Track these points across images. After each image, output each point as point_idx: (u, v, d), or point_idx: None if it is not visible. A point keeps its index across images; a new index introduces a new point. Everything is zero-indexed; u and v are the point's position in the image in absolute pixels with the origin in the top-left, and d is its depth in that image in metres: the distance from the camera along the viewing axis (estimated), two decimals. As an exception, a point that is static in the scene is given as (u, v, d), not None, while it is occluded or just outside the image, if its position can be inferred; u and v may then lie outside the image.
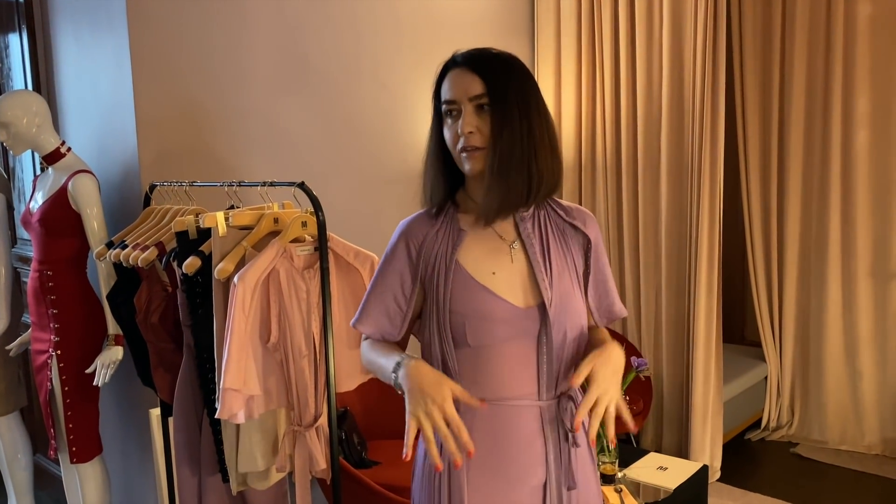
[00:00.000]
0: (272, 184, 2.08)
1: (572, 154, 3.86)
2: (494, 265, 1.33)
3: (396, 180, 3.30)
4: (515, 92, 1.27)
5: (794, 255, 3.90)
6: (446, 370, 1.32)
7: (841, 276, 3.77)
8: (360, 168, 3.20)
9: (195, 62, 2.68)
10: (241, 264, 2.01)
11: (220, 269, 1.98)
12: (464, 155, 1.29)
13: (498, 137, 1.25)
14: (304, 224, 2.05)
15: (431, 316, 1.33)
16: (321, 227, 2.01)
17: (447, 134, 1.31)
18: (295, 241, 2.05)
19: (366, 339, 1.41)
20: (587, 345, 1.37)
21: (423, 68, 3.31)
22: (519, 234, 1.36)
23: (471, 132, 1.26)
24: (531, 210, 1.38)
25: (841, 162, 3.71)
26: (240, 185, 2.18)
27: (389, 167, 3.29)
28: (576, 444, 1.35)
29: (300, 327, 2.02)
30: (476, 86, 1.27)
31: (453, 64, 1.31)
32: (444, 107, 1.30)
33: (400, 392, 1.25)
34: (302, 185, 2.03)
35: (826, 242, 3.77)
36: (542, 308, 1.31)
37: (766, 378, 4.02)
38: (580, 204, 3.88)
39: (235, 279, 1.93)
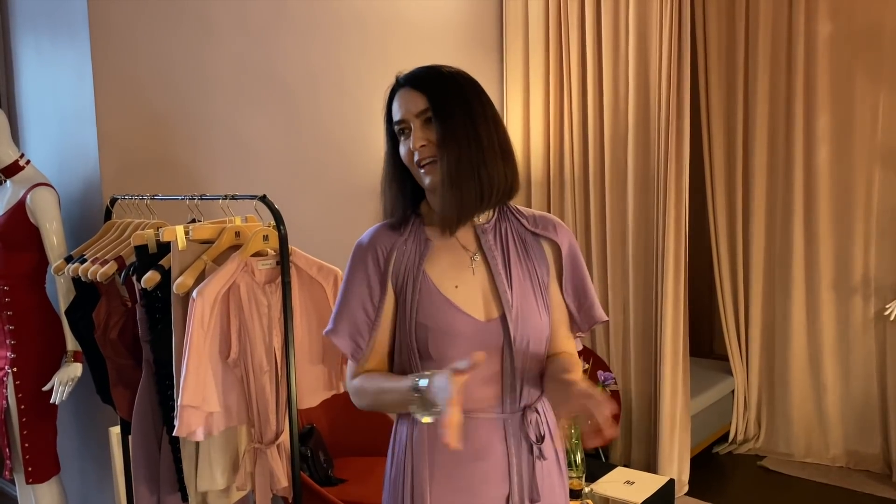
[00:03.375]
0: (233, 197, 2.06)
1: (541, 168, 3.87)
2: (457, 278, 1.34)
3: (363, 193, 3.28)
4: (459, 102, 1.30)
5: (759, 269, 3.94)
6: None
7: (805, 289, 3.81)
8: (327, 181, 3.18)
9: (158, 73, 2.65)
10: (201, 279, 1.97)
11: (179, 284, 1.94)
12: (421, 170, 1.32)
13: (444, 146, 1.28)
14: (265, 238, 2.03)
15: (401, 326, 1.34)
16: (283, 240, 1.99)
17: (403, 152, 1.35)
18: (257, 255, 2.03)
19: (354, 378, 1.37)
20: (560, 370, 1.32)
21: (390, 80, 3.27)
22: (480, 246, 1.36)
23: (423, 145, 1.30)
24: (493, 221, 1.39)
25: (803, 178, 3.76)
26: (201, 199, 2.15)
27: (356, 180, 3.27)
28: (542, 456, 1.36)
29: (261, 342, 1.99)
30: (420, 101, 1.30)
31: (398, 85, 1.36)
32: (395, 127, 1.35)
33: (421, 417, 1.19)
34: (263, 199, 2.01)
35: (790, 257, 3.81)
36: (504, 321, 1.31)
37: (733, 391, 4.03)
38: (548, 218, 3.88)
39: (194, 294, 1.90)
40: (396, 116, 1.33)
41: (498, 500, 1.33)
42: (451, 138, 1.28)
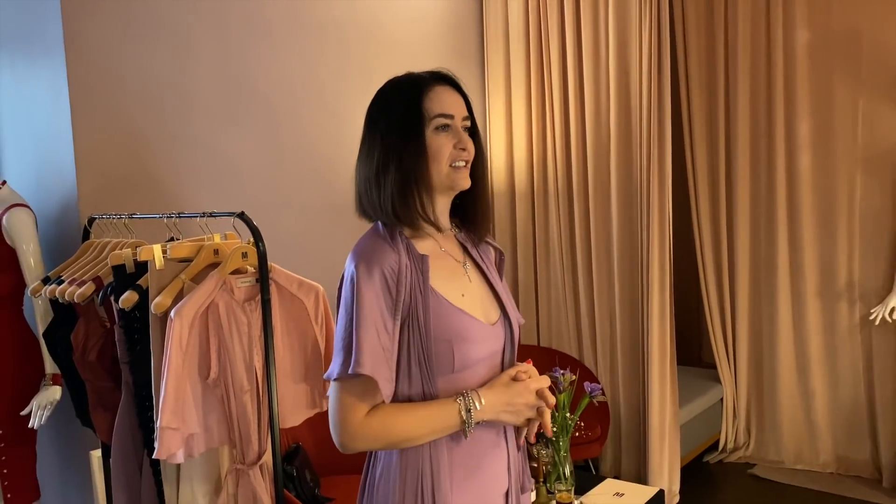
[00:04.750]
0: (212, 214, 2.04)
1: (524, 179, 3.87)
2: (460, 287, 1.36)
3: (345, 209, 3.23)
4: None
5: (744, 276, 3.95)
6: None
7: (790, 296, 3.82)
8: (308, 197, 3.16)
9: (135, 90, 2.63)
10: (179, 298, 1.94)
11: (156, 304, 1.91)
12: (460, 168, 1.34)
13: (478, 157, 1.38)
14: (244, 255, 2.00)
15: (411, 348, 1.29)
16: (261, 257, 1.96)
17: (438, 147, 1.32)
18: (236, 272, 2.00)
19: (366, 416, 1.27)
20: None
21: (369, 91, 3.27)
22: (466, 254, 1.43)
23: (469, 148, 1.35)
24: (463, 229, 1.46)
25: (786, 185, 3.77)
26: (179, 217, 2.13)
27: (338, 196, 3.24)
28: (519, 447, 1.43)
29: (241, 362, 1.96)
30: (462, 107, 1.36)
31: (441, 80, 1.36)
32: (438, 120, 1.32)
33: (471, 428, 1.28)
34: (241, 216, 1.98)
35: (775, 264, 3.82)
36: (503, 323, 1.39)
37: (722, 399, 4.03)
38: (534, 230, 3.89)
39: (172, 313, 1.87)
40: (444, 109, 1.32)
41: (500, 495, 1.38)
42: (481, 149, 1.39)
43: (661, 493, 2.68)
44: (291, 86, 3.09)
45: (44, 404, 2.41)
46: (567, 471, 2.46)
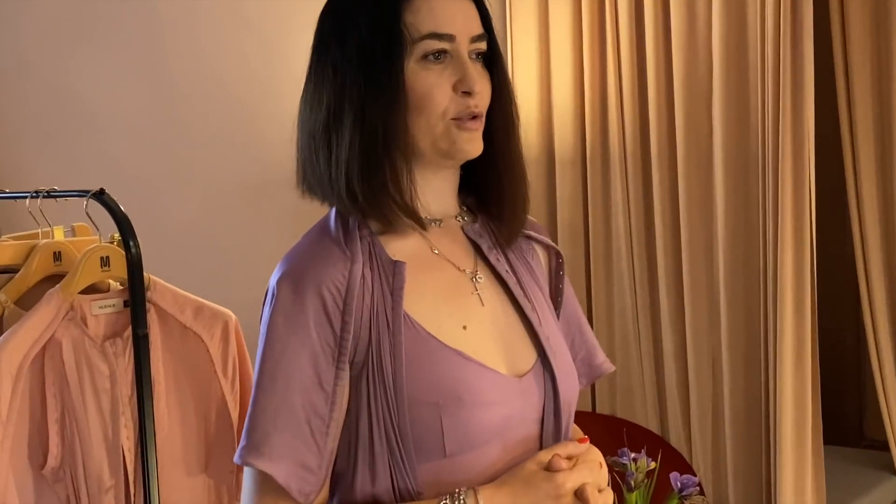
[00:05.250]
0: (50, 194, 2.04)
1: (570, 139, 3.88)
2: (461, 314, 1.36)
3: (280, 189, 3.24)
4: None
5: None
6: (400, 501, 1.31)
7: None
8: (216, 169, 3.18)
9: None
10: None
11: None
12: (465, 123, 1.34)
13: (502, 103, 1.40)
14: (104, 261, 2.00)
15: (372, 416, 1.29)
16: (134, 264, 1.97)
17: (426, 88, 1.33)
18: (91, 290, 2.03)
19: None
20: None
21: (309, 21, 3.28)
22: (483, 259, 1.43)
23: (481, 90, 1.35)
24: (479, 221, 1.48)
25: None
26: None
27: (268, 168, 3.26)
28: None
29: (100, 439, 1.97)
30: (475, 21, 1.36)
31: None
32: (428, 43, 1.32)
33: None
34: (100, 196, 1.99)
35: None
36: (542, 373, 1.38)
37: (898, 501, 4.02)
38: (585, 220, 3.88)
39: None
40: (439, 27, 1.33)
41: None
42: (508, 91, 1.40)
43: None
44: (192, 8, 3.11)
45: None
46: None
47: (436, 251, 1.39)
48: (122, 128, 2.94)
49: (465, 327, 1.35)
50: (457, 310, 1.36)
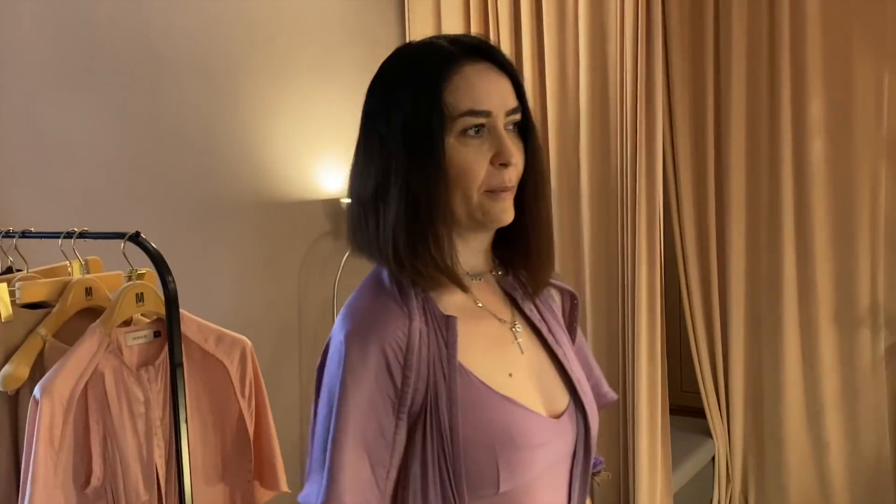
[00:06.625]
0: (83, 235, 1.81)
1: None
2: (506, 361, 1.28)
3: (233, 210, 3.10)
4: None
5: (739, 298, 4.00)
6: None
7: (798, 322, 3.91)
8: (179, 191, 3.02)
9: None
10: (38, 366, 1.76)
11: (6, 376, 1.71)
12: (499, 194, 1.22)
13: (533, 167, 1.27)
14: (139, 297, 1.82)
15: (428, 460, 1.18)
16: (170, 300, 1.77)
17: (465, 163, 1.20)
18: (122, 322, 1.83)
19: None
20: None
21: (276, 56, 3.16)
22: (520, 310, 1.35)
23: (516, 162, 1.23)
24: (510, 272, 1.38)
25: (793, 179, 3.84)
26: (23, 237, 1.89)
27: (224, 191, 3.16)
28: None
29: (136, 458, 1.80)
30: (510, 95, 1.24)
31: (473, 52, 1.23)
32: (466, 119, 1.20)
33: None
34: (136, 238, 1.79)
35: (779, 281, 3.90)
36: (574, 413, 1.32)
37: (714, 458, 4.08)
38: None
39: (37, 392, 1.67)
40: (479, 104, 1.20)
41: None
42: (540, 156, 1.28)
43: None
44: (154, 42, 2.94)
45: None
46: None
47: (479, 304, 1.29)
48: (102, 166, 2.79)
49: (510, 374, 1.27)
50: (502, 359, 1.28)
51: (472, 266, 1.29)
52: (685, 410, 4.63)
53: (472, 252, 1.29)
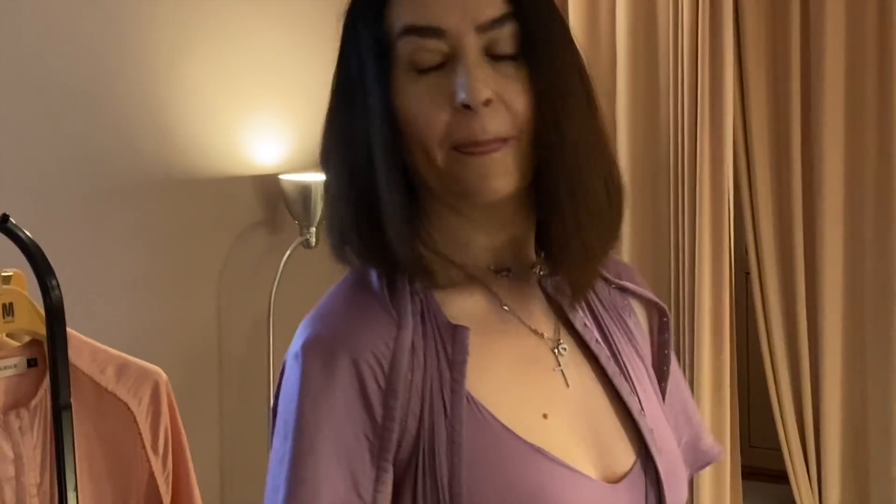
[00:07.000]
0: None
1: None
2: (541, 397, 1.24)
3: (121, 194, 3.17)
4: (556, 18, 1.22)
5: (836, 315, 4.05)
6: None
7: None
8: (58, 172, 3.05)
9: None
10: None
11: None
12: (475, 154, 1.15)
13: (554, 111, 1.16)
14: (7, 310, 1.80)
15: None
16: (53, 313, 1.76)
17: (417, 105, 1.16)
18: None
19: None
20: None
21: None
22: (569, 323, 1.30)
23: (488, 99, 1.13)
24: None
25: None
26: None
27: (123, 166, 3.21)
28: None
29: None
30: (488, 1, 1.15)
31: None
32: (410, 42, 1.16)
33: None
34: (3, 225, 1.82)
35: (892, 293, 3.93)
36: (642, 477, 1.26)
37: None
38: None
39: None
40: (424, 18, 1.15)
41: None
42: (566, 93, 1.17)
43: None
44: None
45: None
46: None
47: (505, 307, 1.25)
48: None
49: (545, 415, 1.22)
50: (535, 391, 1.24)
51: (495, 257, 1.25)
52: (758, 473, 4.67)
53: (487, 236, 1.24)
